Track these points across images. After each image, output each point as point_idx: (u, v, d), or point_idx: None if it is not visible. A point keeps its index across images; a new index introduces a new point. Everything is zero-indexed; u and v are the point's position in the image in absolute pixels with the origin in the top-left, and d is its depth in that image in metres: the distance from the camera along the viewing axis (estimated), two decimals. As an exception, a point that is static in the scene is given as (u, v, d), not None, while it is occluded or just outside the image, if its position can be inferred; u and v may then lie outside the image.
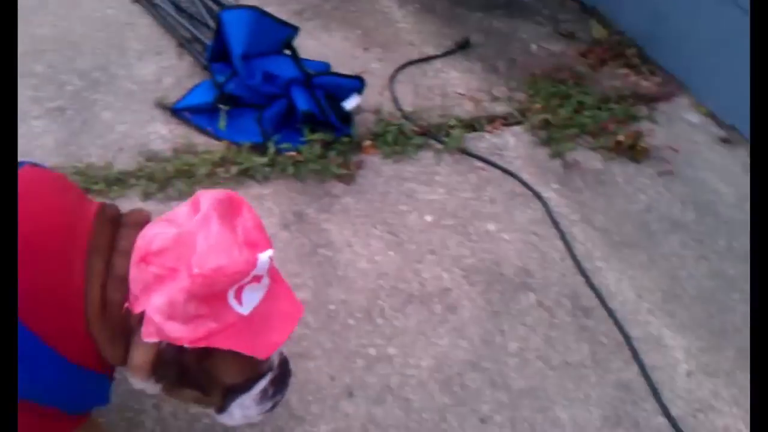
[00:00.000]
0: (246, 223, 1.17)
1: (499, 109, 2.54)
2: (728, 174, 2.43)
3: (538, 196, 2.21)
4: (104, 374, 1.22)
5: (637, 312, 1.92)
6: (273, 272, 1.21)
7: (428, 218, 2.10)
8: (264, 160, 2.14)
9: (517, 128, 2.47)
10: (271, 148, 2.17)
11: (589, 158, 2.40)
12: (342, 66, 2.54)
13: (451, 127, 2.40)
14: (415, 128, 2.37)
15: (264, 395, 1.27)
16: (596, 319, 1.89)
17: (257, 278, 1.14)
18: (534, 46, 2.94)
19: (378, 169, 2.23)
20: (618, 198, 2.27)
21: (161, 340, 1.11)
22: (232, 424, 1.30)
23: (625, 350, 1.83)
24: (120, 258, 1.14)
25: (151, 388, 1.22)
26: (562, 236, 2.09)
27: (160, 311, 1.09)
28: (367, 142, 2.30)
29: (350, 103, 2.29)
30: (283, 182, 2.12)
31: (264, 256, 1.13)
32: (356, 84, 2.33)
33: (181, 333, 1.09)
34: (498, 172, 2.29)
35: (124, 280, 1.13)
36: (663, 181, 2.35)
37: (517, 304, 1.89)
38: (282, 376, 1.31)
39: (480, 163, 2.31)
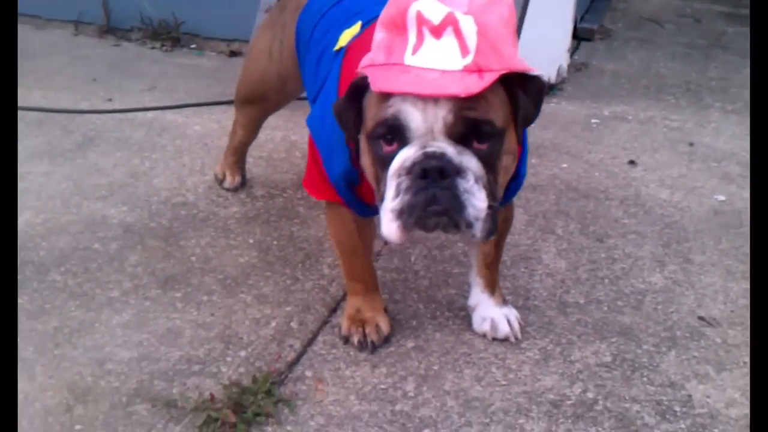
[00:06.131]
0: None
1: None
2: None
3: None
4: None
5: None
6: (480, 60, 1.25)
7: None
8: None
9: None
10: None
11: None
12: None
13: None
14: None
15: (398, 188, 1.30)
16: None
17: (437, 32, 1.22)
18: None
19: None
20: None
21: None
22: (385, 232, 1.34)
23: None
24: None
25: None
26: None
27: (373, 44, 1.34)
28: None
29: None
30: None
31: (467, 20, 1.22)
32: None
33: (365, 60, 1.34)
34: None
35: None
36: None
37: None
38: (419, 185, 1.28)
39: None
